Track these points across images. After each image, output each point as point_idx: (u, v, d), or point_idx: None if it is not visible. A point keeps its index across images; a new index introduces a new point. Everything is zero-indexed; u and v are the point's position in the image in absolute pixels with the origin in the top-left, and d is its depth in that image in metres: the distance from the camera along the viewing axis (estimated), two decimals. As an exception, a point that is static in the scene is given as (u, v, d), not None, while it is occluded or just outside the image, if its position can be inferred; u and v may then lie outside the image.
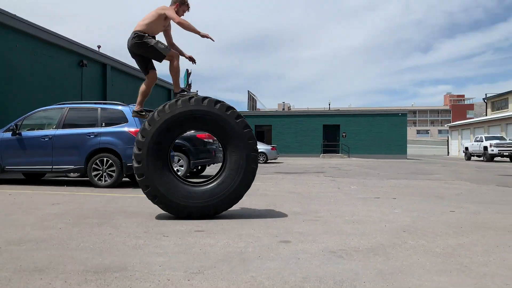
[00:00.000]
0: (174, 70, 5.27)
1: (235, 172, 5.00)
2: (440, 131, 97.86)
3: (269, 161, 23.02)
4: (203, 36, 5.19)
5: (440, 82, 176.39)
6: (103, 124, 9.13)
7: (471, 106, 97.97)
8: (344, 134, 35.16)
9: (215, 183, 5.06)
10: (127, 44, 5.32)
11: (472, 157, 32.12)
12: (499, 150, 27.19)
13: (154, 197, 4.93)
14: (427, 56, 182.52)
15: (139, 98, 5.65)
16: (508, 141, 28.10)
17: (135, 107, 5.70)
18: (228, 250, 3.58)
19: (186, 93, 5.19)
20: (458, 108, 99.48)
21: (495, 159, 28.65)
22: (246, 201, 6.61)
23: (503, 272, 3.01)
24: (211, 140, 11.77)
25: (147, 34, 5.25)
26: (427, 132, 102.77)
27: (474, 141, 31.42)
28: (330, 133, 35.67)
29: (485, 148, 28.48)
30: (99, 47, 22.78)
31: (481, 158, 29.83)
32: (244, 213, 5.54)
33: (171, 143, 5.07)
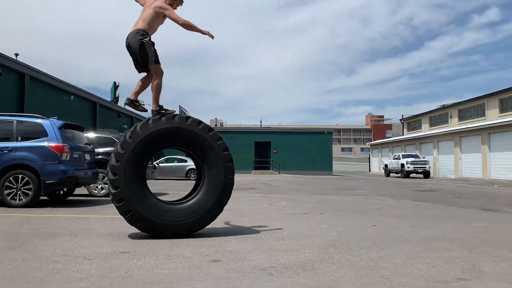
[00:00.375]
0: (158, 86, 5.11)
1: (213, 190, 5.06)
2: (362, 149, 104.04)
3: (200, 177, 22.84)
4: (204, 33, 5.17)
5: (362, 103, 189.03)
6: (19, 138, 8.42)
7: (390, 126, 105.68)
8: (274, 151, 35.99)
9: (192, 201, 5.03)
10: (127, 40, 5.04)
11: (391, 174, 33.86)
12: (414, 167, 29.61)
13: (127, 212, 4.74)
14: (351, 78, 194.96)
15: (155, 94, 5.14)
16: (421, 159, 30.63)
17: (153, 106, 5.12)
18: (156, 272, 3.44)
19: (164, 111, 5.06)
20: (378, 128, 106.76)
21: (411, 175, 31.01)
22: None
23: (419, 283, 3.22)
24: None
25: (149, 35, 5.08)
26: (350, 149, 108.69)
27: (393, 159, 33.66)
28: (262, 149, 36.32)
29: (402, 165, 30.50)
30: (16, 55, 21.18)
31: (399, 175, 31.91)
32: (174, 232, 5.38)
33: (150, 157, 4.99)
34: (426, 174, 29.82)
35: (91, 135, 11.83)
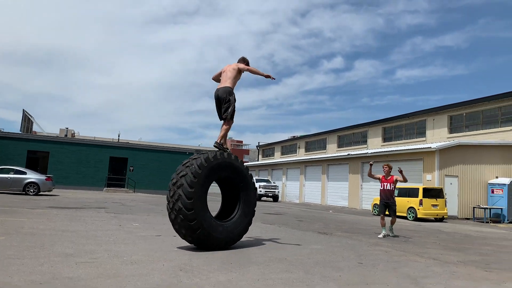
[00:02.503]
0: (226, 130, 6.93)
1: (248, 210, 6.86)
2: None
3: (41, 192, 20.20)
4: (266, 76, 6.96)
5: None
6: None
7: (247, 152, 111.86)
8: (131, 168, 34.38)
9: (234, 219, 6.59)
10: (217, 92, 6.78)
11: None
12: (265, 191, 31.82)
13: (197, 230, 5.84)
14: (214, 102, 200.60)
15: (222, 134, 6.93)
16: (272, 184, 33.14)
17: (218, 139, 6.88)
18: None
19: (224, 148, 6.77)
20: (237, 152, 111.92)
21: (262, 198, 33.12)
22: (6, 242, 5.59)
23: (260, 303, 3.43)
24: None
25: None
26: None
27: None
28: (117, 166, 34.26)
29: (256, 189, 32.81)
30: None
31: None
32: (3, 256, 4.65)
33: (210, 184, 6.25)
34: (275, 198, 32.23)
35: None
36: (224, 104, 6.71)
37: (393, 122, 30.74)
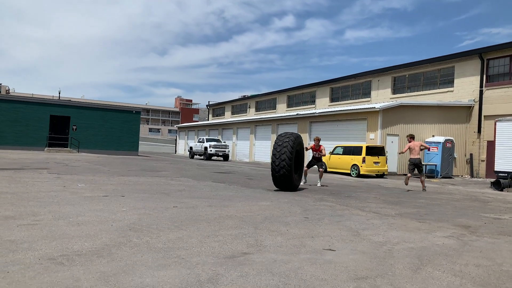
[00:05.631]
0: None
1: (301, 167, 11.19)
2: (170, 131, 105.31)
3: (-26, 153, 18.85)
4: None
5: (173, 86, 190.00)
6: None
7: (197, 111, 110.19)
8: (74, 127, 32.80)
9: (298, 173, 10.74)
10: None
11: (195, 156, 35.76)
12: (215, 151, 31.91)
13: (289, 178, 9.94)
14: (163, 59, 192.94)
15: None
16: (223, 144, 33.22)
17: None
18: None
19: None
20: (186, 111, 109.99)
21: (213, 158, 33.23)
22: None
23: (211, 260, 3.53)
24: None
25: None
26: (158, 130, 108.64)
27: (197, 142, 34.96)
28: (59, 125, 32.53)
29: (206, 148, 32.31)
30: None
31: (202, 157, 33.96)
32: None
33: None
34: (226, 157, 32.43)
35: None
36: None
37: (340, 83, 31.52)
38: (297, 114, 27.89)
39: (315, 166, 12.61)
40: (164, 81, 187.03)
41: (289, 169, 9.55)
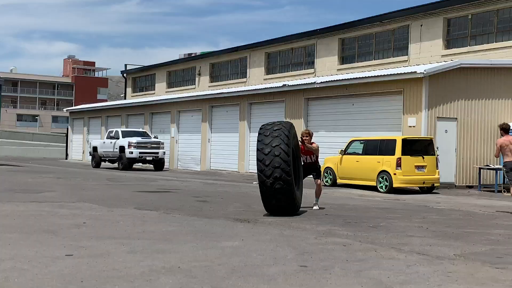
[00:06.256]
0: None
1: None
2: (56, 119, 69.24)
3: None
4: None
5: (59, 37, 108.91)
6: None
7: (105, 82, 71.10)
8: None
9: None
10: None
11: (103, 163, 22.77)
12: (140, 153, 20.15)
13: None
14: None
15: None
16: (153, 140, 21.29)
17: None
18: None
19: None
20: (85, 83, 69.77)
21: (136, 165, 21.31)
22: None
23: None
24: None
25: None
26: (35, 119, 68.66)
27: (107, 138, 22.72)
28: None
29: (122, 148, 20.47)
30: None
31: (116, 165, 21.59)
32: None
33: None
34: (159, 164, 21.06)
35: None
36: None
37: (356, 31, 20.17)
38: (285, 84, 18.51)
39: (310, 176, 8.55)
40: (44, 29, 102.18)
41: (288, 179, 6.63)
